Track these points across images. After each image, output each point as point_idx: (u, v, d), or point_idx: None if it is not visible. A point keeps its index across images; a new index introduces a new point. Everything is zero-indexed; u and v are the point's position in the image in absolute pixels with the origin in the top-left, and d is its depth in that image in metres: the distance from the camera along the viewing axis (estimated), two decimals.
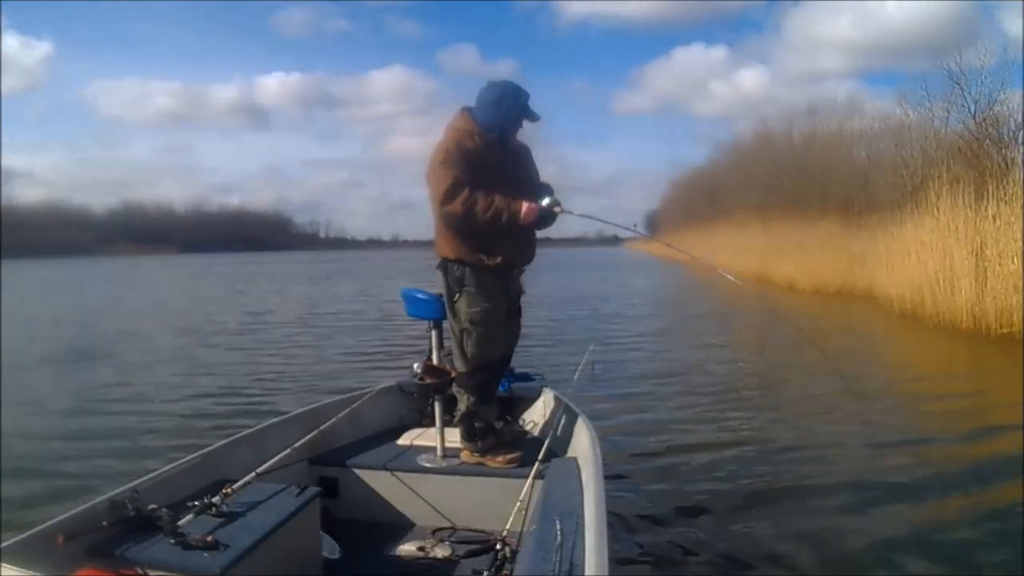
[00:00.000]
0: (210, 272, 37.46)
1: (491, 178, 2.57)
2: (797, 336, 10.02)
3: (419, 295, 2.83)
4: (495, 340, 2.69)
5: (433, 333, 2.86)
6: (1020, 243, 8.61)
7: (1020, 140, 11.63)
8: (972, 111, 13.13)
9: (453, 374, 2.78)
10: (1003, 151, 11.76)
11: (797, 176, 23.28)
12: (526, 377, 3.46)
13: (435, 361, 2.86)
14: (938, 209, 10.26)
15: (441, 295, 2.79)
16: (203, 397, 6.22)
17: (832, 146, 22.94)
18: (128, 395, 6.41)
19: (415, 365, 2.92)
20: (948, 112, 14.11)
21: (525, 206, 2.59)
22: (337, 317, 13.71)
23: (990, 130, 12.23)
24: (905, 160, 15.61)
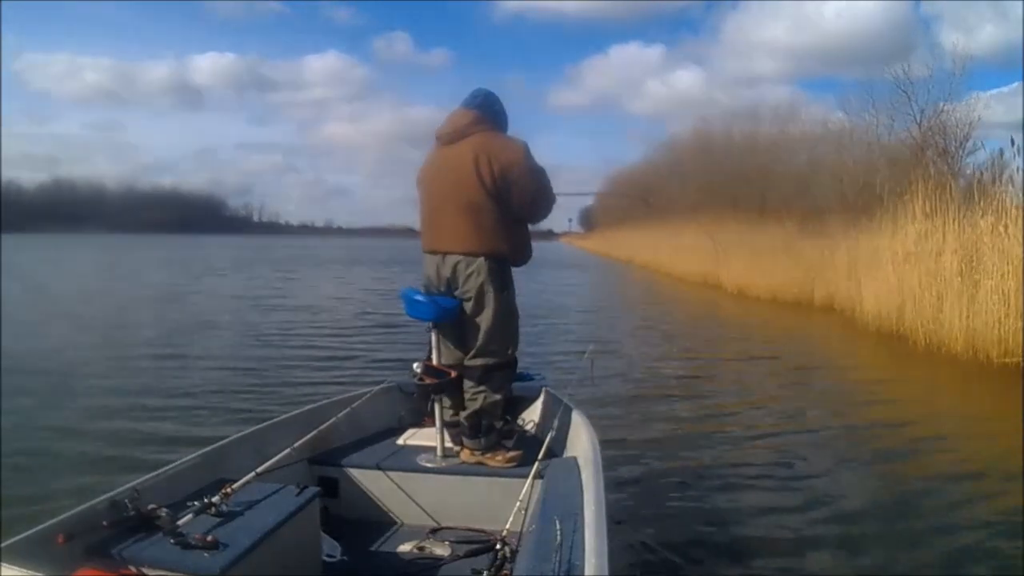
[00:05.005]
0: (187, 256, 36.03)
1: None
2: (783, 339, 9.96)
3: (418, 296, 2.83)
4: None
5: (433, 334, 2.86)
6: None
7: (965, 150, 11.52)
8: (918, 119, 13.06)
9: (453, 374, 2.78)
10: (949, 160, 11.65)
11: (736, 179, 22.83)
12: (526, 377, 3.46)
13: (435, 361, 2.86)
14: (925, 214, 9.26)
15: (439, 297, 2.78)
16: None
17: (773, 149, 22.60)
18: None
19: (415, 365, 2.91)
20: (892, 120, 14.06)
21: None
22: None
23: (936, 139, 12.16)
24: (847, 167, 15.24)
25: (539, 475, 2.31)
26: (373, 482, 2.72)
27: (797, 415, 5.65)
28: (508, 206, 2.67)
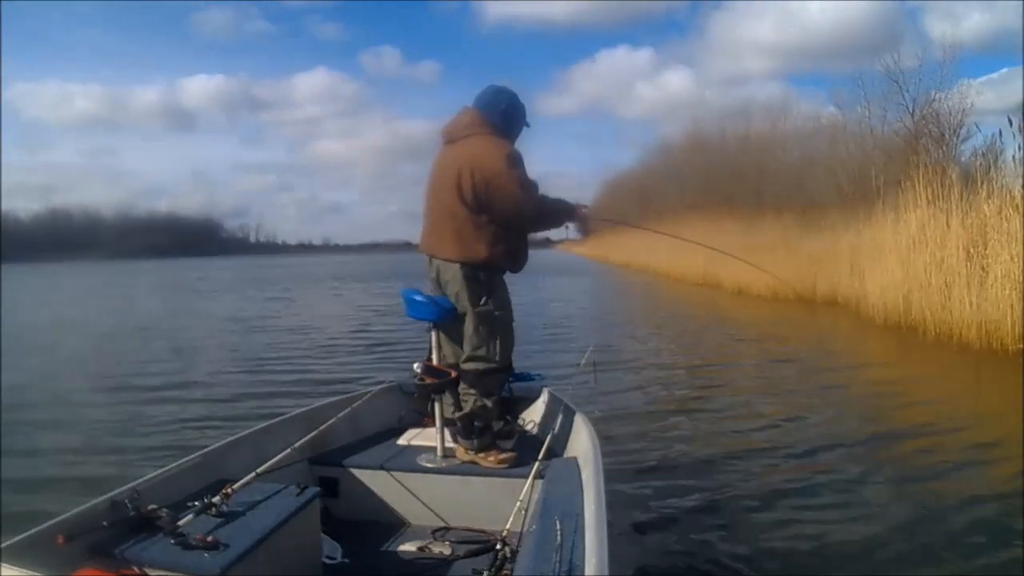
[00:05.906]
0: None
1: None
2: (787, 336, 9.80)
3: (418, 297, 2.83)
4: (514, 339, 2.85)
5: (433, 334, 2.87)
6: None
7: (960, 137, 11.53)
8: (910, 109, 13.07)
9: (453, 375, 2.78)
10: (944, 147, 11.65)
11: (731, 177, 22.78)
12: (526, 377, 3.46)
13: (435, 362, 2.86)
14: (927, 202, 9.00)
15: (439, 297, 2.79)
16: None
17: (766, 147, 22.59)
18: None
19: (415, 365, 2.92)
20: (885, 110, 14.10)
21: (578, 206, 2.88)
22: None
23: (930, 127, 12.16)
24: (842, 160, 15.20)
25: (539, 475, 2.32)
26: (374, 482, 2.72)
27: (806, 412, 5.59)
28: (491, 214, 2.64)
